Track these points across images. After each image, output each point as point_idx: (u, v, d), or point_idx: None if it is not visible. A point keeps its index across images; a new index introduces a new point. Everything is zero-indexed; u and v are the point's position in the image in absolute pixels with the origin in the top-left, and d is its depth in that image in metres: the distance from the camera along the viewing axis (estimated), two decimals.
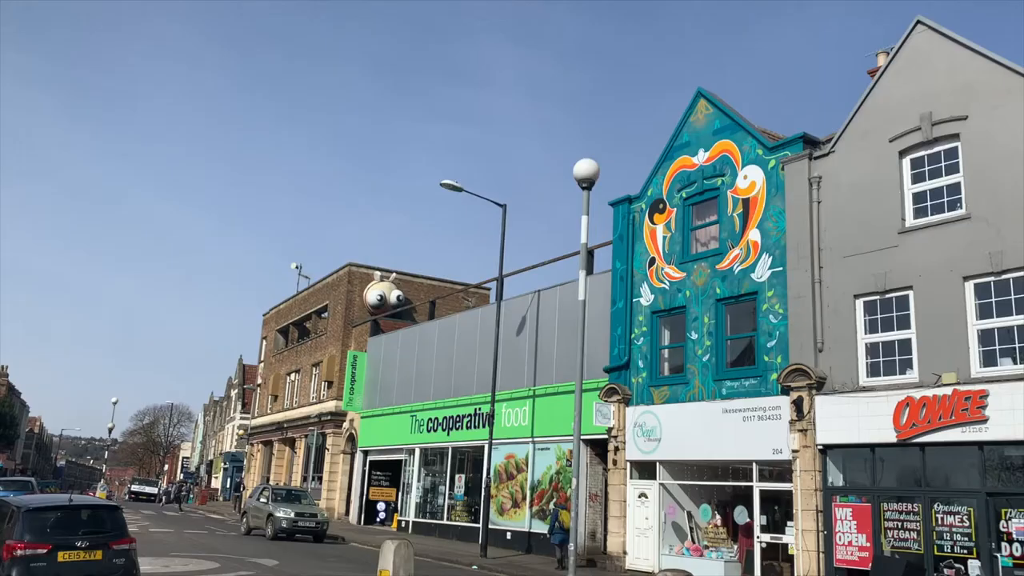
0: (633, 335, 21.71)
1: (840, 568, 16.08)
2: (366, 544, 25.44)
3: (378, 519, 34.39)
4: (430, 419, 30.57)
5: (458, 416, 28.98)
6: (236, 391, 74.03)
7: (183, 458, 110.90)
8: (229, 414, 76.57)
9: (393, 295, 39.26)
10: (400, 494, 32.57)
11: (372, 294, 39.06)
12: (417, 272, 41.78)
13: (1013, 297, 14.58)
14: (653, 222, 21.85)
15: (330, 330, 40.79)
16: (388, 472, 34.67)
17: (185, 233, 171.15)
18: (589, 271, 24.88)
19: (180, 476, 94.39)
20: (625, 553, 20.54)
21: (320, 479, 38.17)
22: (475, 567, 20.41)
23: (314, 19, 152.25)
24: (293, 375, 46.03)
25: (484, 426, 25.58)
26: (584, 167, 13.65)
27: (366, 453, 35.21)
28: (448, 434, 29.40)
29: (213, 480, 76.90)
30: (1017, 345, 14.42)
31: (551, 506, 22.85)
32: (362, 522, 34.51)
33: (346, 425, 37.38)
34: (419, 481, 31.26)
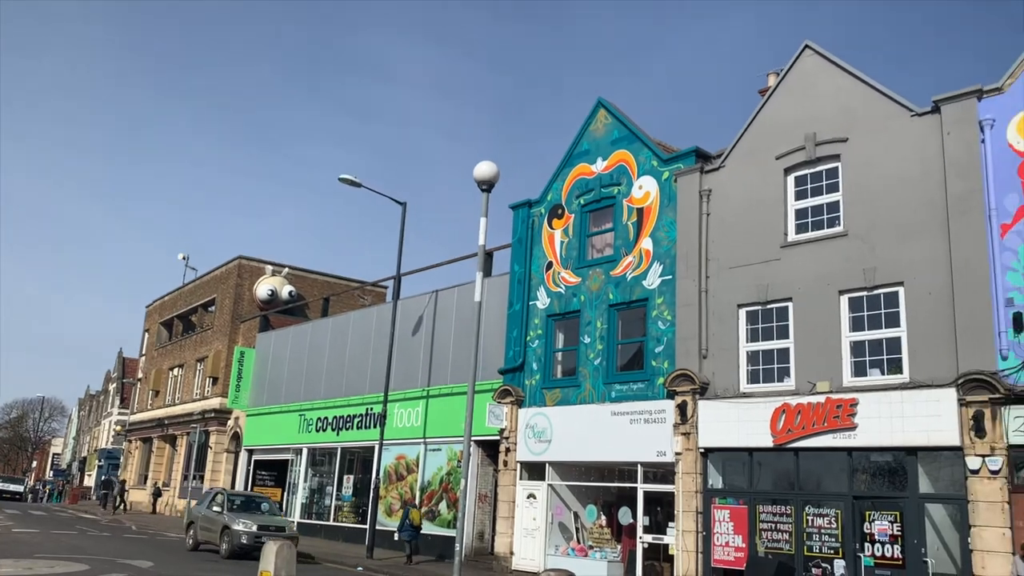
0: (529, 338, 21.93)
1: (717, 568, 16.68)
2: None
3: None
4: (320, 418, 29.99)
5: (349, 416, 28.55)
6: (115, 385, 70.67)
7: (54, 455, 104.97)
8: (106, 409, 73.02)
9: (285, 290, 38.34)
10: (285, 495, 31.80)
11: (263, 289, 38.04)
12: (311, 268, 40.99)
13: (883, 311, 15.48)
14: (552, 227, 22.14)
15: (217, 324, 39.46)
16: (274, 472, 33.79)
17: (61, 217, 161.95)
18: (487, 273, 24.97)
19: (50, 474, 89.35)
20: (512, 553, 20.70)
21: (202, 478, 36.83)
22: (360, 568, 20.15)
23: (211, 2, 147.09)
24: (176, 370, 44.30)
25: (375, 426, 25.30)
26: (484, 169, 13.70)
27: (251, 452, 34.23)
28: (338, 434, 28.91)
29: (86, 478, 73.14)
30: (885, 357, 15.32)
31: (436, 504, 23.07)
32: None
33: (231, 423, 36.23)
34: (306, 481, 30.62)
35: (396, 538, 22.30)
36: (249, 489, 33.54)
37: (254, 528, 20.84)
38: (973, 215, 14.46)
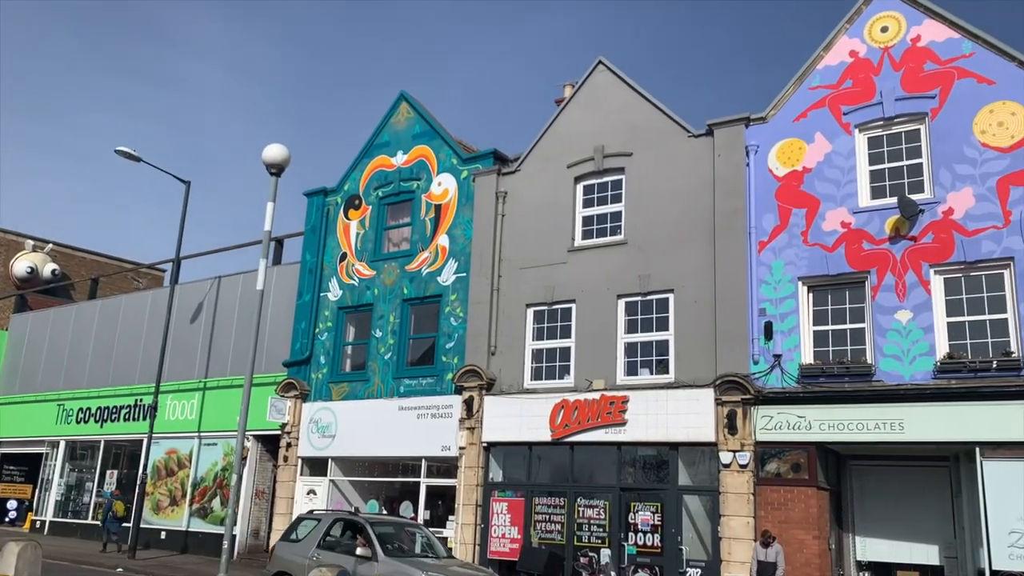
0: (317, 330, 21.39)
1: (493, 560, 17.12)
2: None
3: (7, 519, 30.18)
4: (81, 409, 27.53)
5: (115, 407, 26.44)
6: None
7: None
8: None
9: (47, 268, 34.80)
10: (37, 491, 28.90)
11: (21, 265, 34.29)
12: (80, 245, 37.47)
13: (655, 316, 16.60)
14: (348, 217, 21.75)
15: None
16: (24, 467, 30.60)
17: None
18: (276, 261, 24.22)
19: None
20: None
21: None
22: (120, 569, 18.70)
23: None
24: None
25: (145, 418, 23.61)
26: (274, 152, 13.18)
27: None
28: (102, 426, 26.69)
29: None
30: (655, 358, 16.44)
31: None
32: None
33: None
34: (62, 477, 27.97)
35: (108, 531, 22.54)
36: None
37: None
38: (736, 232, 15.85)
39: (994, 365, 13.12)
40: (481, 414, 17.80)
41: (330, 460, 20.23)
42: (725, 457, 14.87)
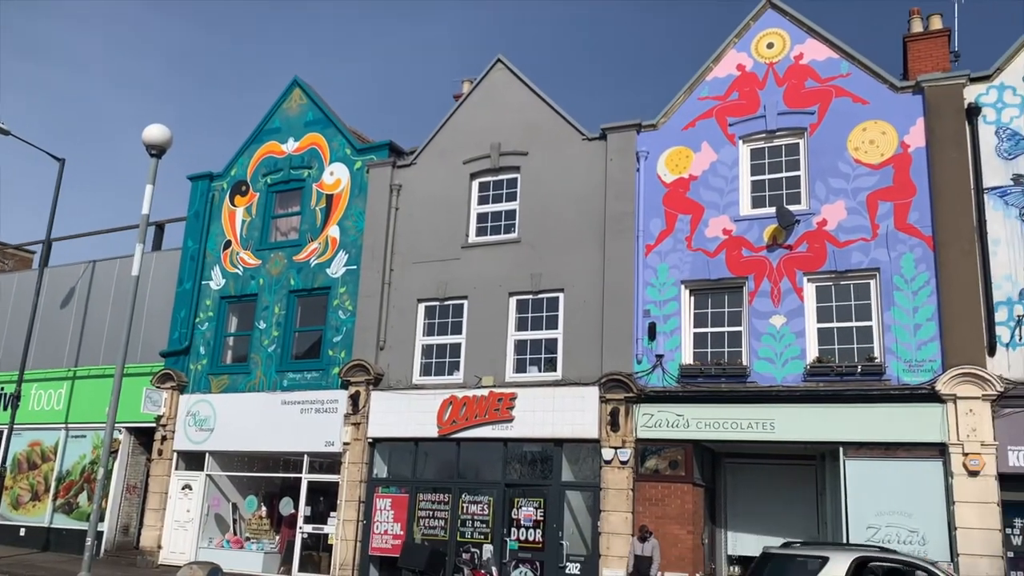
0: (198, 319, 20.60)
1: (374, 556, 16.94)
2: None
3: None
4: None
5: None
6: None
7: None
8: None
9: None
10: None
11: None
12: None
13: (545, 314, 16.79)
14: (234, 204, 21.04)
15: None
16: None
17: None
18: (157, 247, 23.21)
19: None
20: (160, 547, 19.29)
21: None
22: None
23: None
24: None
25: (6, 408, 22.18)
26: (155, 132, 12.56)
27: None
28: None
29: None
30: (543, 356, 16.63)
31: None
32: None
33: None
34: None
35: None
36: None
37: None
38: (625, 235, 16.21)
39: (859, 370, 13.91)
40: (367, 409, 17.56)
41: (207, 454, 19.54)
42: (607, 454, 15.18)
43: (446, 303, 17.77)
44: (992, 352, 13.23)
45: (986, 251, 13.61)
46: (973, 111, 14.17)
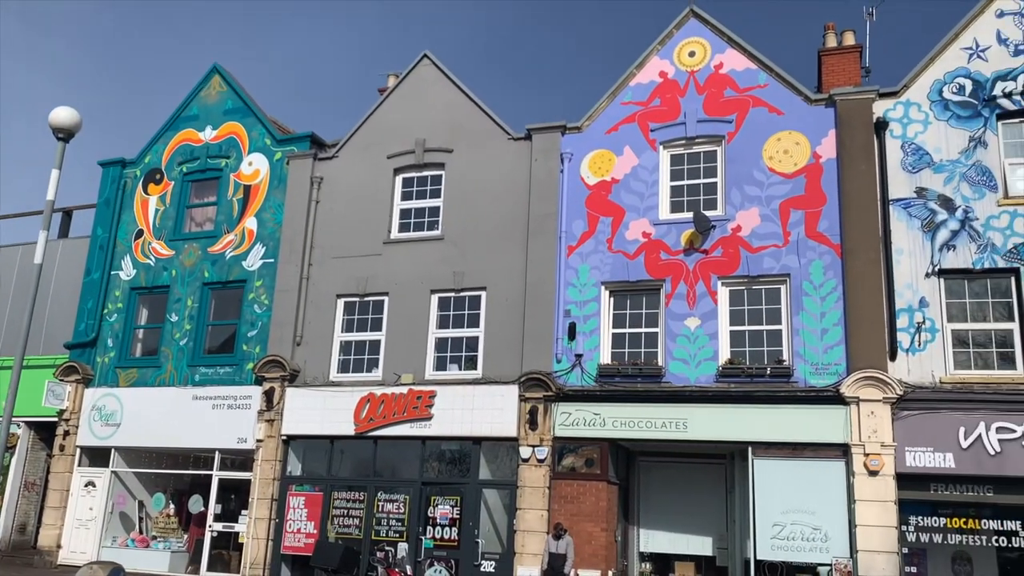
0: (106, 311, 19.84)
1: (286, 555, 16.63)
2: None
3: None
4: None
5: None
6: None
7: None
8: None
9: None
10: None
11: None
12: None
13: (467, 312, 16.77)
14: (147, 192, 20.35)
15: None
16: None
17: None
18: (64, 234, 22.30)
19: None
20: (59, 547, 18.51)
21: None
22: None
23: None
24: None
25: None
26: (62, 115, 11.98)
27: None
28: None
29: None
30: (464, 354, 16.61)
31: None
32: None
33: None
34: None
35: None
36: None
37: None
38: (548, 235, 16.33)
39: (768, 372, 14.34)
40: (282, 406, 17.23)
41: (113, 450, 18.85)
42: (525, 452, 15.27)
43: (366, 299, 17.56)
44: (893, 357, 13.81)
45: (890, 260, 14.20)
46: (881, 125, 14.77)
